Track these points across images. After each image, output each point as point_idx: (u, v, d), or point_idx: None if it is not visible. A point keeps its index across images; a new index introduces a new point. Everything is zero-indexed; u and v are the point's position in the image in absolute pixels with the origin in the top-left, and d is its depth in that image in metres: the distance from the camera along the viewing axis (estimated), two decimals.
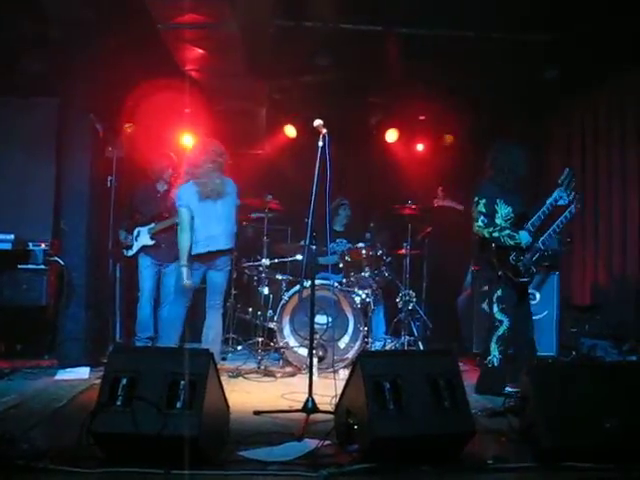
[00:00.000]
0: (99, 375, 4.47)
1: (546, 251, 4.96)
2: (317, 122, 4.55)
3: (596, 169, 7.18)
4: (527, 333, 5.07)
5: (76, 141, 5.96)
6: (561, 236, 5.04)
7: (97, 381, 4.58)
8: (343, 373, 5.55)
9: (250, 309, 6.71)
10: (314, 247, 4.56)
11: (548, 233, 4.95)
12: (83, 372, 5.33)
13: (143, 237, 6.26)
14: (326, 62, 6.58)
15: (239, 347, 6.72)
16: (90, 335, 5.86)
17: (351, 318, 6.14)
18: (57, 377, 5.21)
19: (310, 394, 4.19)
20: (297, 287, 6.07)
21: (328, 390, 4.30)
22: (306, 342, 5.51)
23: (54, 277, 5.73)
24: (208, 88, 7.07)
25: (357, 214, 7.40)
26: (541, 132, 8.13)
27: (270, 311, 6.42)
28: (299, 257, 6.60)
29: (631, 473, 3.05)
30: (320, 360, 5.81)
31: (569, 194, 4.89)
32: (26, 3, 5.32)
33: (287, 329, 6.13)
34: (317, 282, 5.41)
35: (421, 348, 6.61)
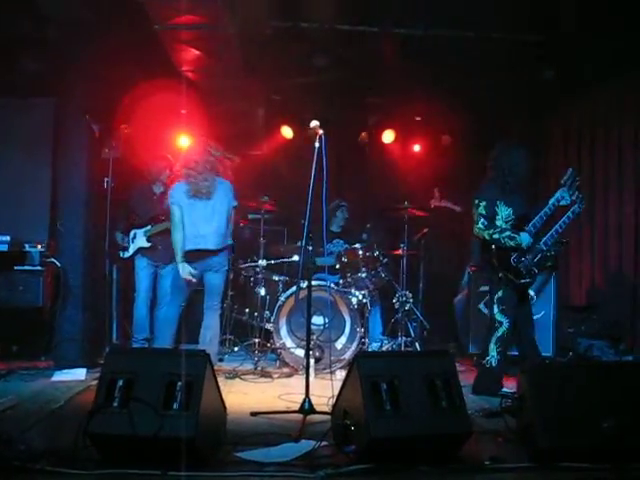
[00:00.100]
0: (96, 376, 4.42)
1: (548, 252, 4.95)
2: (314, 123, 4.56)
3: (592, 169, 7.19)
4: (529, 334, 5.07)
5: (73, 142, 5.97)
6: (558, 236, 5.01)
7: (94, 382, 4.59)
8: (340, 374, 5.55)
9: (247, 310, 6.70)
10: (311, 248, 4.57)
11: (550, 234, 4.93)
12: (80, 373, 5.32)
13: (139, 239, 6.26)
14: (323, 63, 6.57)
15: (236, 348, 6.72)
16: (87, 336, 5.87)
17: (348, 319, 6.14)
18: (54, 378, 5.21)
19: (307, 395, 4.19)
20: (294, 288, 6.08)
21: (325, 391, 4.30)
22: (303, 343, 5.51)
23: (50, 278, 5.72)
24: (205, 89, 7.07)
25: (354, 215, 7.40)
26: (541, 132, 8.13)
27: (267, 312, 6.42)
28: (296, 258, 6.60)
29: (627, 473, 3.05)
30: (317, 361, 5.81)
31: (572, 194, 4.87)
32: (23, 3, 5.31)
33: (284, 330, 6.13)
34: (314, 283, 5.41)
35: (418, 349, 6.61)
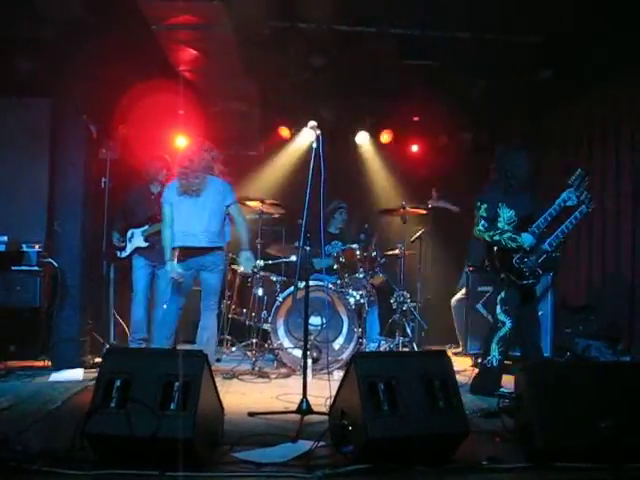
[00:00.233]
0: (93, 377, 4.46)
1: (553, 252, 4.93)
2: (311, 123, 4.56)
3: (591, 169, 7.19)
4: (532, 336, 5.08)
5: (70, 142, 5.95)
6: (564, 237, 4.98)
7: (91, 383, 4.61)
8: (337, 374, 5.53)
9: (244, 310, 6.68)
10: (308, 248, 4.57)
11: (555, 234, 4.90)
12: (77, 373, 5.32)
13: (137, 239, 6.26)
14: (320, 63, 6.58)
15: (233, 348, 6.72)
16: (84, 336, 5.85)
17: (345, 319, 6.14)
18: (51, 378, 5.20)
19: (304, 395, 4.19)
20: (291, 288, 6.07)
21: (322, 391, 4.29)
22: (300, 343, 5.50)
23: (48, 278, 5.70)
24: (202, 89, 7.07)
25: (351, 215, 7.40)
26: (540, 133, 8.13)
27: (264, 312, 6.41)
28: (293, 258, 6.60)
29: (625, 473, 3.05)
30: (314, 361, 5.80)
31: (580, 195, 4.86)
32: (20, 3, 5.30)
33: (281, 330, 6.13)
34: (311, 283, 5.41)
35: (415, 349, 6.61)
